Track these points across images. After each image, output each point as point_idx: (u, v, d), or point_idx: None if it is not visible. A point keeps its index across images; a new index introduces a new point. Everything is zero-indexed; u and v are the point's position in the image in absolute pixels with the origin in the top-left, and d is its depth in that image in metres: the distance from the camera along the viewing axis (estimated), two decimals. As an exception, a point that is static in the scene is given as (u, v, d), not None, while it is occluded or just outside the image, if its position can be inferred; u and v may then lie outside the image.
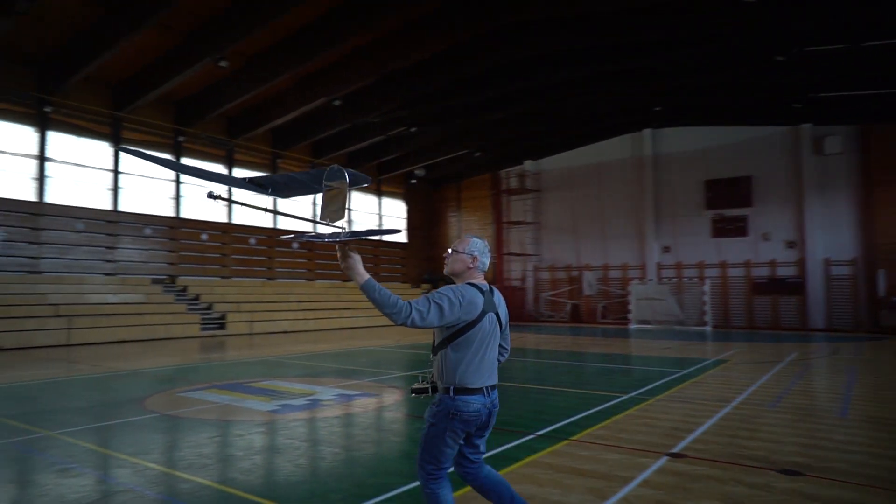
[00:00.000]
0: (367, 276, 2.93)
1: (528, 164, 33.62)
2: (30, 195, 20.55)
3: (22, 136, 20.57)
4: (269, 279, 27.73)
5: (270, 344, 18.56)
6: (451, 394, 3.13)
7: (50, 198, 20.95)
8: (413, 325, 2.91)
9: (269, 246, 27.83)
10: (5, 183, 20.06)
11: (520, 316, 32.26)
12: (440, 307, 2.99)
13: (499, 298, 3.37)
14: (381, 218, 34.94)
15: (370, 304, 3.15)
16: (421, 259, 37.10)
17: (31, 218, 20.36)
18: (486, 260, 3.33)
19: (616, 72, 23.46)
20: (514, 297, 32.92)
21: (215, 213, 26.18)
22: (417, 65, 22.64)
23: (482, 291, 3.21)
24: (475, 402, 3.13)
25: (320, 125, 26.80)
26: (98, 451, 5.75)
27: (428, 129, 28.67)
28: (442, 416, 3.14)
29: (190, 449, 5.92)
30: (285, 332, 23.05)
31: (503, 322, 3.34)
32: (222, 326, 21.81)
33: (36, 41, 19.34)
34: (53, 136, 21.21)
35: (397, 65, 22.10)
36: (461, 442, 3.25)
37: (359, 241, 3.46)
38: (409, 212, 36.79)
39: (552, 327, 27.09)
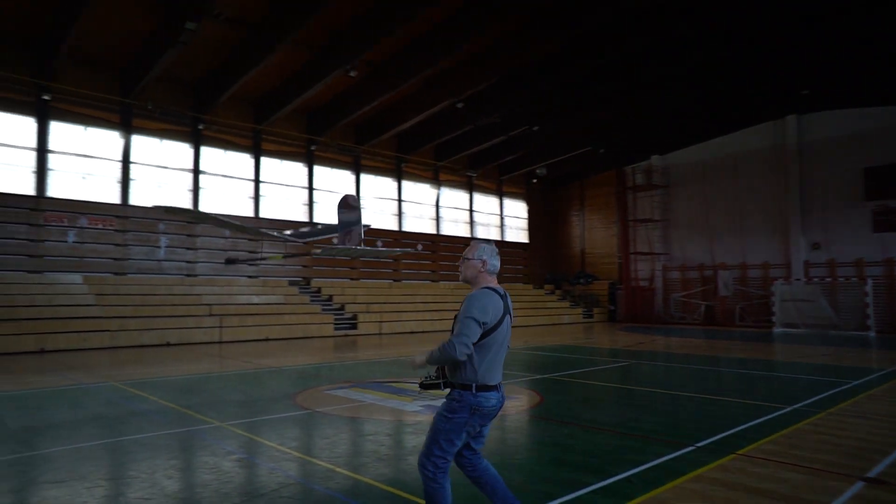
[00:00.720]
0: (423, 357, 3.44)
1: (656, 159, 32.06)
2: (187, 205, 22.62)
3: (180, 152, 22.72)
4: (395, 281, 28.57)
5: (399, 343, 19.07)
6: (474, 390, 3.34)
7: (203, 207, 22.92)
8: (466, 354, 3.26)
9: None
10: (168, 195, 22.24)
11: (648, 317, 30.84)
12: (476, 324, 3.27)
13: (510, 301, 3.56)
14: (502, 219, 34.89)
15: None
16: (543, 259, 36.60)
17: (189, 226, 22.41)
18: (496, 262, 3.57)
19: (755, 54, 21.73)
20: (642, 298, 31.52)
21: (345, 217, 27.35)
22: (539, 62, 22.33)
23: (500, 295, 3.43)
24: (493, 398, 3.38)
25: (443, 128, 27.23)
26: (264, 444, 6.10)
27: (550, 127, 28.21)
28: (463, 411, 3.34)
29: (346, 446, 6.12)
30: (412, 332, 23.63)
31: (512, 322, 3.56)
32: (354, 326, 22.76)
33: (191, 66, 21.26)
34: (205, 151, 23.22)
35: (518, 63, 21.93)
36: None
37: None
38: (531, 212, 36.42)
39: (685, 330, 25.59)
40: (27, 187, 19.49)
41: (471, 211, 32.94)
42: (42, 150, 19.69)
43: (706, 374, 12.08)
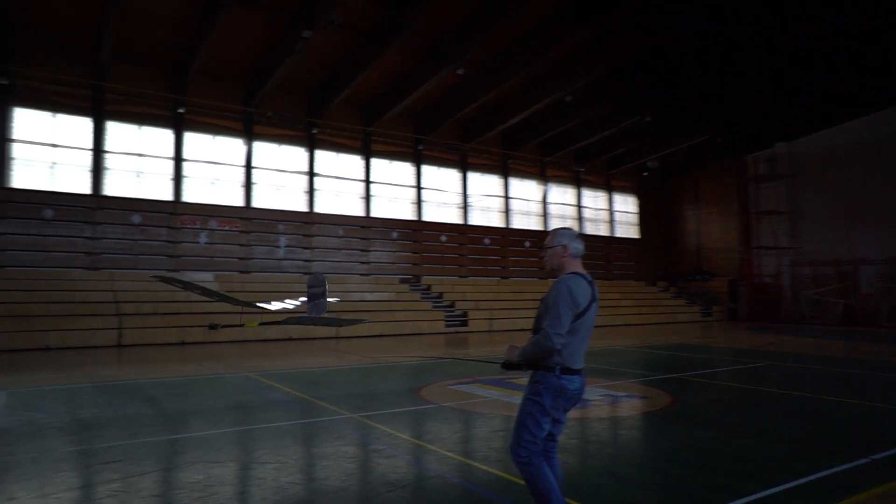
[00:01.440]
0: (515, 354, 3.41)
1: (781, 146, 29.68)
2: (302, 206, 23.73)
3: (296, 156, 23.87)
4: (503, 278, 28.43)
5: (511, 340, 18.84)
6: (558, 373, 3.29)
7: (318, 208, 23.94)
8: (561, 343, 3.21)
9: (502, 245, 28.56)
10: (287, 197, 23.44)
11: (774, 316, 28.64)
12: (565, 313, 3.21)
13: (596, 288, 3.47)
14: (612, 214, 33.76)
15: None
16: (654, 256, 35.02)
17: (305, 226, 23.49)
18: (579, 245, 3.48)
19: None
20: (767, 296, 29.33)
21: (453, 215, 27.62)
22: (651, 49, 21.35)
23: (587, 280, 3.37)
24: (577, 381, 3.34)
25: (549, 123, 26.75)
26: (398, 436, 6.15)
27: (663, 117, 26.93)
28: (549, 394, 3.31)
29: (480, 441, 6.05)
30: (523, 329, 23.37)
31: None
32: (465, 323, 22.86)
33: (306, 74, 22.25)
34: (319, 155, 24.23)
35: (628, 52, 21.07)
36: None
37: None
38: (641, 206, 34.98)
39: (819, 330, 23.47)
40: (167, 193, 21.22)
41: (579, 206, 32.13)
42: (178, 159, 21.37)
43: (853, 378, 10.94)
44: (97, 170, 20.04)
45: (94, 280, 19.03)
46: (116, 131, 20.58)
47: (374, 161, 25.54)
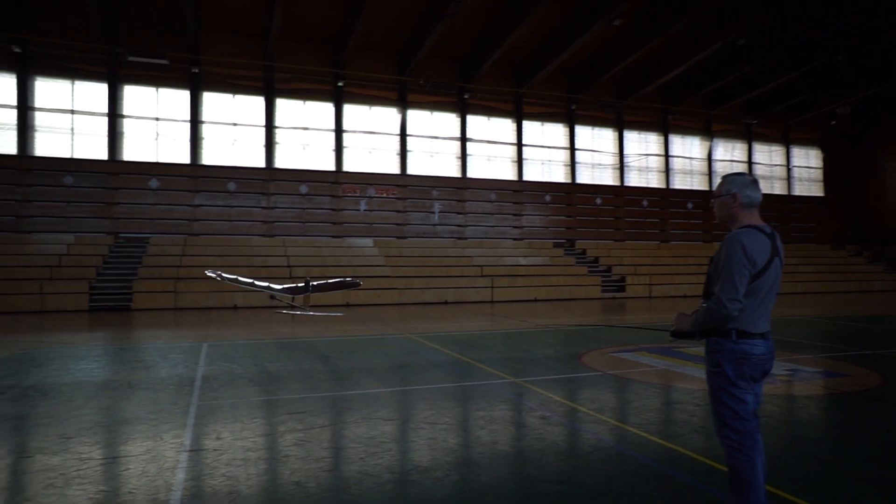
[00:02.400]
0: (686, 322, 3.06)
1: None
2: (455, 172, 23.98)
3: (448, 123, 24.09)
4: (663, 241, 26.79)
5: (673, 308, 17.71)
6: (734, 337, 2.89)
7: (471, 173, 24.08)
8: (738, 308, 2.80)
9: (661, 207, 26.86)
10: (440, 164, 23.84)
11: None
12: (739, 275, 2.80)
13: (779, 241, 2.99)
14: (789, 170, 30.24)
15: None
16: (843, 216, 30.87)
17: (458, 192, 23.77)
18: (753, 193, 2.96)
19: None
20: None
21: (608, 177, 26.42)
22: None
23: (766, 233, 2.90)
24: (760, 346, 2.90)
25: (716, 72, 24.36)
26: (563, 403, 5.93)
27: (859, 55, 23.27)
28: (729, 362, 2.90)
29: (652, 413, 5.63)
30: (685, 296, 21.91)
31: (782, 265, 2.97)
32: (622, 289, 21.93)
33: (456, 39, 22.21)
34: (471, 120, 24.24)
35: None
36: (752, 393, 2.95)
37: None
38: (827, 160, 30.91)
39: None
40: (329, 164, 22.54)
41: (749, 163, 29.15)
42: (339, 131, 22.53)
43: None
44: (269, 144, 21.76)
45: (270, 246, 20.86)
46: (284, 108, 22.14)
47: (526, 124, 25.04)
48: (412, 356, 8.92)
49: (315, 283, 13.46)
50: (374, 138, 23.18)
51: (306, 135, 22.37)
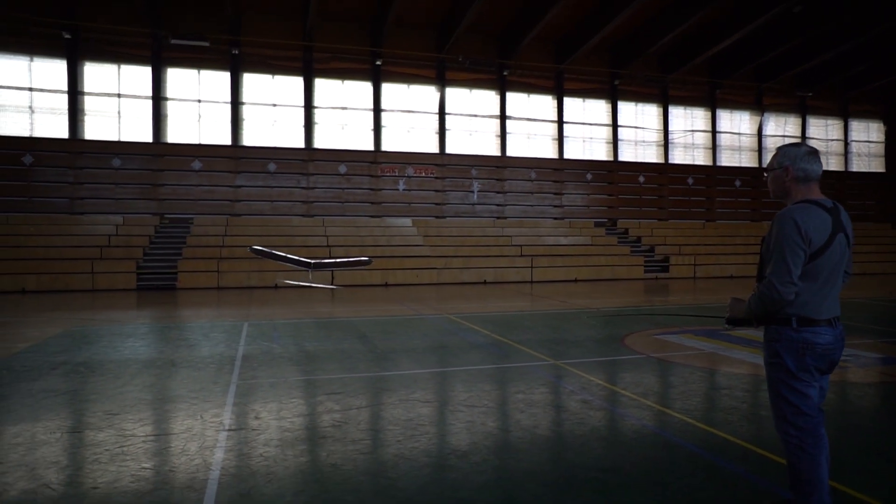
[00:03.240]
0: (741, 308, 2.83)
1: None
2: (494, 151, 23.66)
3: (488, 100, 23.72)
4: (709, 220, 25.99)
5: (718, 289, 17.23)
6: (795, 325, 2.65)
7: (510, 152, 23.73)
8: (793, 292, 2.59)
9: (707, 185, 26.01)
10: (479, 142, 23.54)
11: None
12: (792, 255, 2.57)
13: (845, 216, 2.74)
14: (846, 144, 28.82)
15: None
16: (904, 193, 29.34)
17: (497, 171, 23.48)
18: (809, 166, 2.70)
19: None
20: None
21: (652, 154, 25.69)
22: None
23: (826, 209, 2.64)
24: (826, 334, 2.64)
25: (767, 44, 23.25)
26: (605, 386, 5.76)
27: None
28: (789, 353, 2.66)
29: (698, 399, 5.41)
30: (731, 276, 21.24)
31: (851, 243, 2.74)
32: (665, 269, 21.40)
33: (495, 15, 21.72)
34: (511, 97, 23.82)
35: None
36: (817, 386, 2.71)
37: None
38: (890, 134, 29.28)
39: None
40: (368, 144, 22.52)
41: (803, 138, 27.89)
42: (377, 110, 22.45)
43: None
44: (308, 125, 21.85)
45: (310, 226, 21.05)
46: (323, 88, 22.15)
47: (567, 101, 24.48)
48: (451, 337, 8.85)
49: (327, 261, 13.60)
50: (413, 117, 23.02)
51: (345, 114, 22.37)
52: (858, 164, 29.04)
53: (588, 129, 24.86)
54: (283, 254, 11.43)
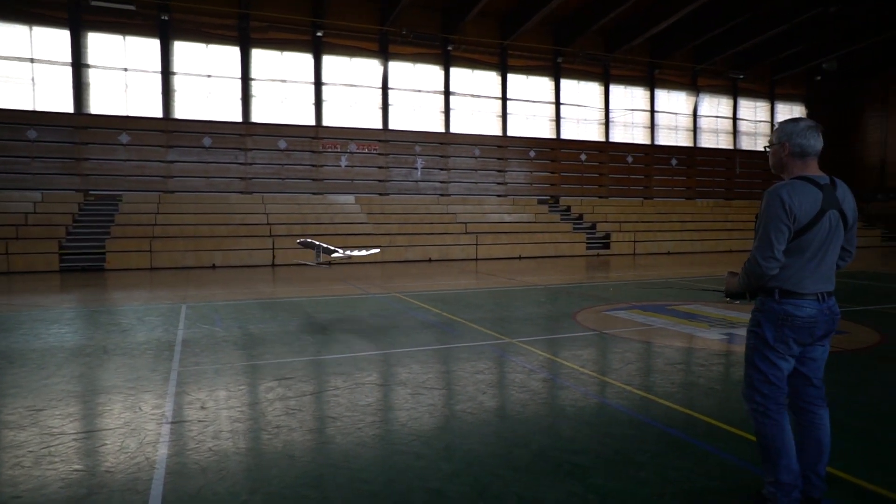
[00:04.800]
0: (735, 282, 2.89)
1: None
2: (438, 127, 23.36)
3: (431, 75, 23.31)
4: (647, 198, 26.66)
5: (659, 265, 17.70)
6: (777, 297, 2.70)
7: (454, 128, 23.48)
8: (775, 267, 2.64)
9: (645, 164, 26.62)
10: (422, 118, 23.16)
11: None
12: (776, 230, 2.61)
13: (844, 193, 2.72)
14: (773, 126, 29.91)
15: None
16: (825, 171, 30.90)
17: (441, 147, 23.21)
18: (806, 141, 2.69)
19: None
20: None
21: (593, 132, 26.01)
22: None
23: (818, 185, 2.65)
24: (808, 307, 2.67)
25: (704, 26, 23.82)
26: (564, 364, 5.71)
27: (851, 7, 22.84)
28: (768, 322, 2.72)
29: (657, 374, 5.43)
30: (669, 252, 21.90)
31: (849, 220, 2.73)
32: (607, 246, 21.82)
33: (439, -16, 21.28)
34: (454, 72, 23.50)
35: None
36: (792, 357, 2.74)
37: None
38: (811, 116, 30.72)
39: None
40: (309, 118, 21.75)
41: (734, 119, 28.93)
42: (318, 84, 21.68)
43: None
44: (246, 97, 20.89)
45: (250, 203, 20.25)
46: (261, 59, 21.18)
47: (511, 77, 24.38)
48: (401, 316, 8.63)
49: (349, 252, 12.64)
50: (355, 91, 22.38)
51: (284, 87, 21.49)
52: (785, 144, 30.36)
53: (531, 106, 24.88)
54: (324, 244, 10.76)
